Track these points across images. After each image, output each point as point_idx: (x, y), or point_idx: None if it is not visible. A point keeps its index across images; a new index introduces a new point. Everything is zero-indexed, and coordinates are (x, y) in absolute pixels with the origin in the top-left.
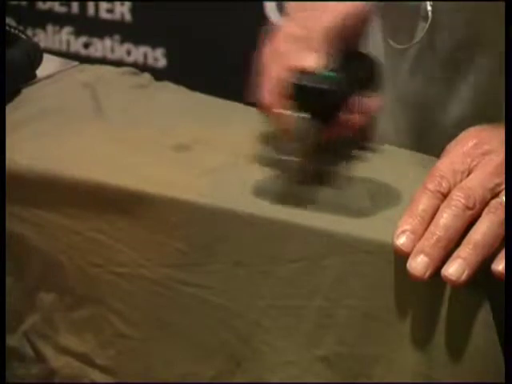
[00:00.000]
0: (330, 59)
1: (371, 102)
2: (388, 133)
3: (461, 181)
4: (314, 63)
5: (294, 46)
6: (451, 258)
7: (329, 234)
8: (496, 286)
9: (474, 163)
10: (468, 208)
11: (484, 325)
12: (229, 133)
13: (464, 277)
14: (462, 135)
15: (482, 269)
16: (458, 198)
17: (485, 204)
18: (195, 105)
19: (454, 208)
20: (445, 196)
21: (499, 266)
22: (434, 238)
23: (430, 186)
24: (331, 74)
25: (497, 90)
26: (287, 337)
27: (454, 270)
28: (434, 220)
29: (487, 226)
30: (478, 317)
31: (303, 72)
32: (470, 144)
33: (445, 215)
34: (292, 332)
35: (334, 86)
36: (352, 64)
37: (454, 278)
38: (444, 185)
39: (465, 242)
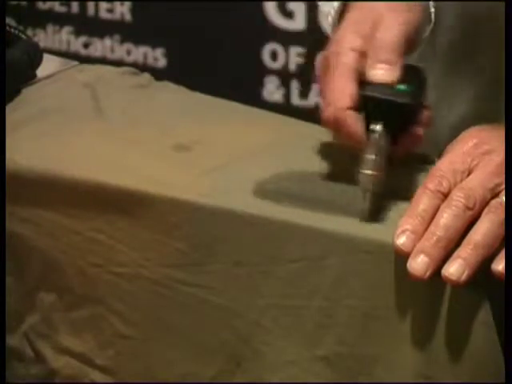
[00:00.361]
0: (399, 71)
1: (428, 113)
2: None
3: (461, 181)
4: (383, 76)
5: (360, 57)
6: (451, 258)
7: (329, 234)
8: (496, 286)
9: (475, 163)
10: (468, 208)
11: (484, 325)
12: (229, 133)
13: (464, 277)
14: (462, 135)
15: (482, 269)
16: (458, 198)
17: (485, 204)
18: (195, 105)
19: (454, 208)
20: (445, 196)
21: (499, 265)
22: (435, 238)
23: (431, 186)
24: (402, 86)
25: (497, 90)
26: (287, 337)
27: (455, 269)
28: (435, 220)
29: (487, 226)
30: (478, 317)
31: (375, 84)
32: (470, 144)
33: (445, 215)
34: (292, 332)
35: (411, 100)
36: (412, 76)
37: (454, 278)
38: (444, 184)
39: (465, 242)
